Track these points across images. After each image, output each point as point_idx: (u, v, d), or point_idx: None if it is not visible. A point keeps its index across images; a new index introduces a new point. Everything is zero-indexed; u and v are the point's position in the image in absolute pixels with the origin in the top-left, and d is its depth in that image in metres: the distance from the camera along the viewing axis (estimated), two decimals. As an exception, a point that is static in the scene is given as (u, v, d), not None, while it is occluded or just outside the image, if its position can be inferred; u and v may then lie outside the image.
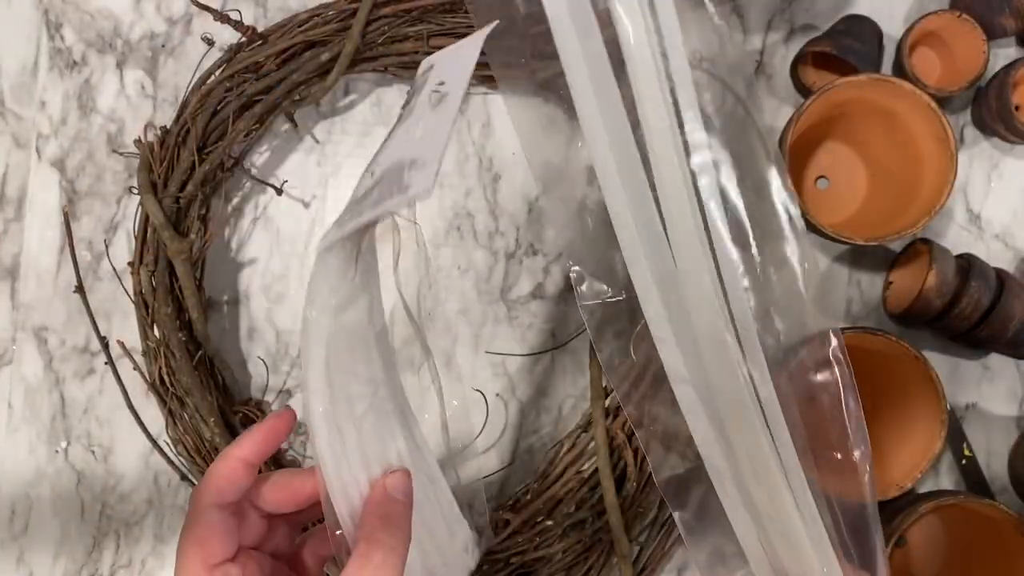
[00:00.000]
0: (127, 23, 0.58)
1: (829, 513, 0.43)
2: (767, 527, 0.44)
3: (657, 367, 0.43)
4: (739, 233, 0.43)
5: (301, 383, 0.38)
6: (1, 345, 0.57)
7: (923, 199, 0.51)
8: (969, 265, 0.52)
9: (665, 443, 0.47)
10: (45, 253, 0.57)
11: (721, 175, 0.42)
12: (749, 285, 0.43)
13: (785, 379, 0.43)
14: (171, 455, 0.54)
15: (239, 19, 0.53)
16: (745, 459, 0.43)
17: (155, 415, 0.54)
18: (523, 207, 0.57)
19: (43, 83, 0.58)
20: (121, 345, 0.55)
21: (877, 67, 0.56)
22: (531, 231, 0.57)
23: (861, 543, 0.43)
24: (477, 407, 0.55)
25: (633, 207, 0.40)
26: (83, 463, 0.56)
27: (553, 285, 0.57)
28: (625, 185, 0.40)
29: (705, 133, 0.42)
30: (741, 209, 0.43)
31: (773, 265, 0.45)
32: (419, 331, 0.39)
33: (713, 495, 0.44)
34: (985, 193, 0.58)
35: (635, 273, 0.41)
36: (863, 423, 0.43)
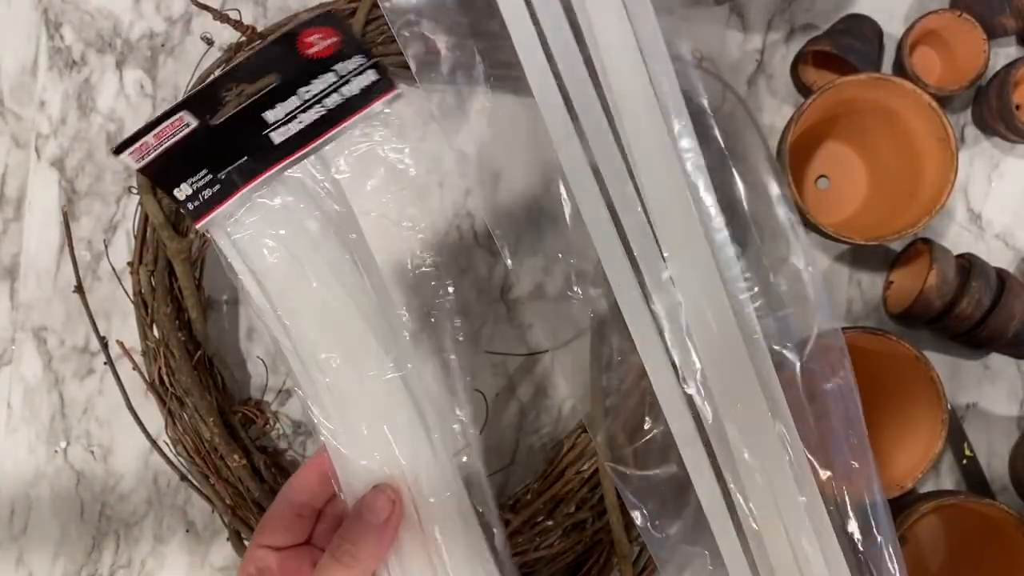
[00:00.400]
0: (127, 23, 0.58)
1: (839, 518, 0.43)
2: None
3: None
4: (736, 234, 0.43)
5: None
6: (1, 345, 0.57)
7: (923, 199, 0.51)
8: (970, 265, 0.52)
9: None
10: (44, 253, 0.57)
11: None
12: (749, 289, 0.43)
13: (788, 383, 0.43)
14: (171, 455, 0.54)
15: (239, 19, 0.53)
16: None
17: (154, 415, 0.54)
18: (524, 207, 0.57)
19: (43, 83, 0.58)
20: (121, 345, 0.55)
21: (877, 66, 0.56)
22: (531, 231, 0.56)
23: (872, 549, 0.43)
24: (477, 407, 0.55)
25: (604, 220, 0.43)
26: (83, 463, 0.56)
27: (553, 285, 0.56)
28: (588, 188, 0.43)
29: (693, 139, 0.42)
30: (740, 210, 0.43)
31: (772, 268, 0.44)
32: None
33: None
34: (986, 193, 0.58)
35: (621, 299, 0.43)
36: (863, 428, 0.43)
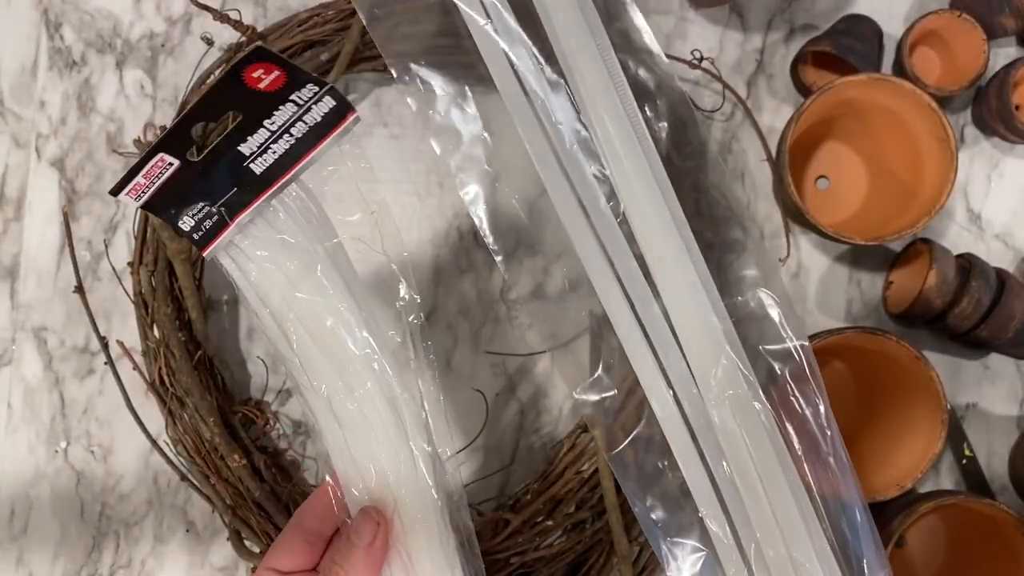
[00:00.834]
0: (127, 23, 0.58)
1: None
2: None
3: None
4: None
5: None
6: (1, 345, 0.57)
7: (923, 199, 0.51)
8: (969, 265, 0.52)
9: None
10: (45, 253, 0.57)
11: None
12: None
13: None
14: (171, 455, 0.54)
15: (239, 19, 0.53)
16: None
17: (155, 415, 0.54)
18: (523, 208, 0.57)
19: (43, 83, 0.58)
20: (121, 345, 0.55)
21: (877, 67, 0.56)
22: (531, 231, 0.56)
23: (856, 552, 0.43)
24: (477, 407, 0.55)
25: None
26: (83, 463, 0.56)
27: (553, 285, 0.56)
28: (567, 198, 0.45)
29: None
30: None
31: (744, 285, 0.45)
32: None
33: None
34: (985, 193, 0.58)
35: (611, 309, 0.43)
36: (838, 434, 0.43)
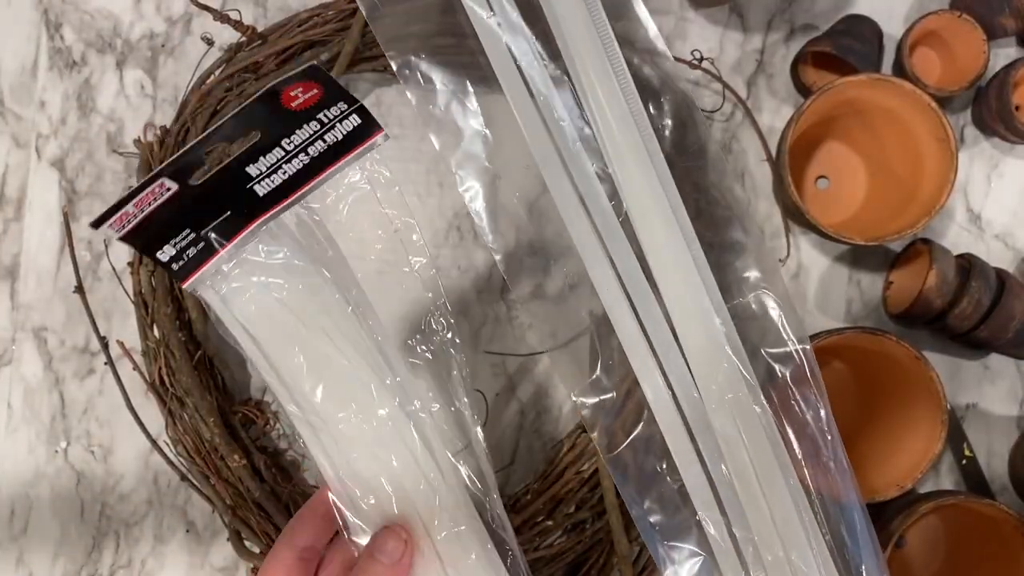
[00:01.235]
0: (127, 23, 0.58)
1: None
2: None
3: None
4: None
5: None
6: (1, 345, 0.57)
7: (923, 199, 0.51)
8: (969, 265, 0.52)
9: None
10: (45, 253, 0.57)
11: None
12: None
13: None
14: (171, 455, 0.54)
15: (239, 19, 0.53)
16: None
17: (155, 415, 0.54)
18: (523, 207, 0.57)
19: (43, 83, 0.58)
20: (121, 345, 0.55)
21: (877, 67, 0.56)
22: (532, 229, 0.56)
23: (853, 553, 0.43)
24: (477, 407, 0.55)
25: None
26: (83, 463, 0.56)
27: (553, 285, 0.56)
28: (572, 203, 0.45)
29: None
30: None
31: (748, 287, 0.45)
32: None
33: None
34: (985, 193, 0.58)
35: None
36: (838, 438, 0.43)
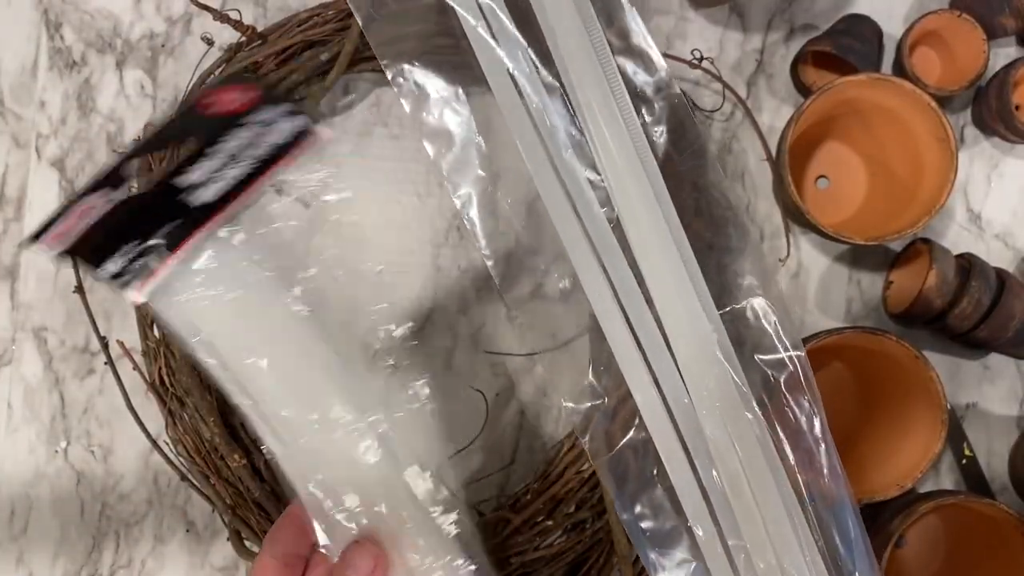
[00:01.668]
0: (127, 23, 0.58)
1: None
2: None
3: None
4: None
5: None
6: (1, 345, 0.57)
7: (923, 199, 0.51)
8: (969, 265, 0.52)
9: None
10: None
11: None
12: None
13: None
14: (171, 455, 0.54)
15: (239, 19, 0.53)
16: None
17: (155, 415, 0.54)
18: (522, 208, 0.57)
19: (43, 83, 0.58)
20: (121, 345, 0.55)
21: (877, 67, 0.56)
22: (526, 235, 0.56)
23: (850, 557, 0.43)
24: (477, 407, 0.55)
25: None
26: (83, 463, 0.56)
27: (551, 287, 0.56)
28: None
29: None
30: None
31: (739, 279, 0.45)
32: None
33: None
34: (985, 193, 0.58)
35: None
36: (832, 444, 0.43)
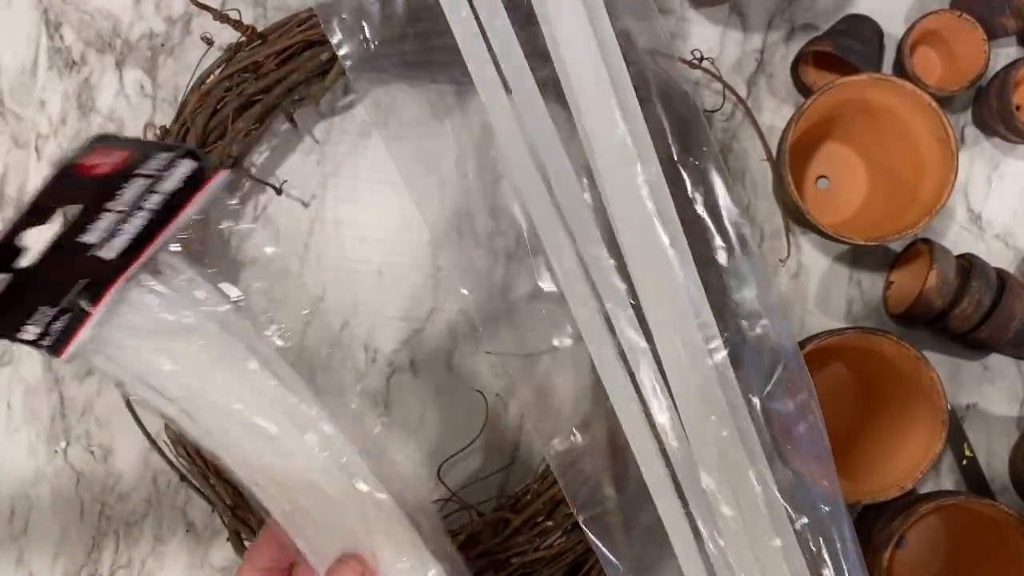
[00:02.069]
0: (126, 23, 0.58)
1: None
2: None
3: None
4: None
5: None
6: (1, 345, 0.57)
7: (924, 199, 0.51)
8: (970, 265, 0.52)
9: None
10: (44, 253, 0.57)
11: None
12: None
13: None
14: (171, 455, 0.54)
15: (238, 19, 0.53)
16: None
17: (155, 415, 0.54)
18: (523, 207, 0.57)
19: (42, 83, 0.58)
20: (120, 345, 0.55)
21: (878, 67, 0.56)
22: (531, 231, 0.56)
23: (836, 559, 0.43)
24: (477, 407, 0.55)
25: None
26: (82, 463, 0.56)
27: (553, 286, 0.56)
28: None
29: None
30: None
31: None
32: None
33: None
34: (986, 193, 0.58)
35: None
36: (827, 442, 0.43)
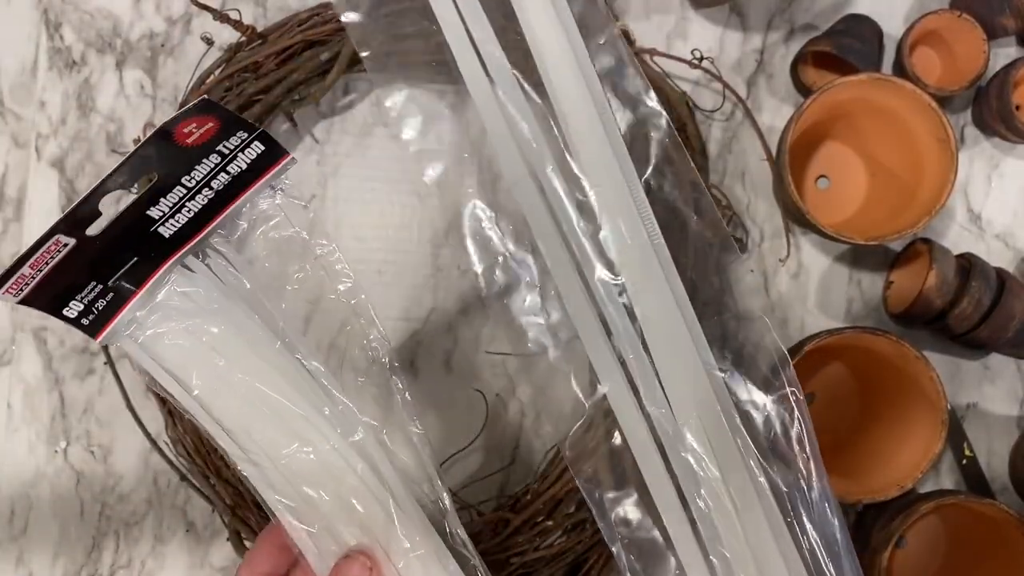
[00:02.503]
0: (126, 23, 0.58)
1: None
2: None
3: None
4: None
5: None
6: (1, 345, 0.57)
7: (923, 199, 0.51)
8: (970, 265, 0.52)
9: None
10: (44, 253, 0.57)
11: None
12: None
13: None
14: (171, 455, 0.54)
15: (239, 19, 0.53)
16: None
17: (155, 415, 0.54)
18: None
19: (42, 83, 0.58)
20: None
21: (877, 67, 0.56)
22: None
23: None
24: (477, 407, 0.55)
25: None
26: (83, 463, 0.56)
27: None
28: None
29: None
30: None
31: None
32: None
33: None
34: (986, 193, 0.58)
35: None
36: (818, 455, 0.43)
